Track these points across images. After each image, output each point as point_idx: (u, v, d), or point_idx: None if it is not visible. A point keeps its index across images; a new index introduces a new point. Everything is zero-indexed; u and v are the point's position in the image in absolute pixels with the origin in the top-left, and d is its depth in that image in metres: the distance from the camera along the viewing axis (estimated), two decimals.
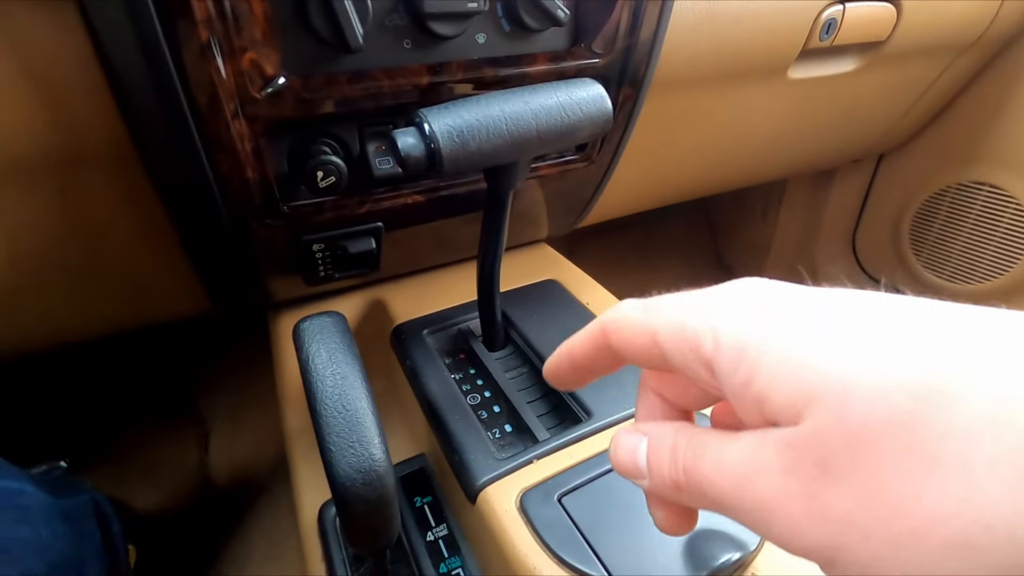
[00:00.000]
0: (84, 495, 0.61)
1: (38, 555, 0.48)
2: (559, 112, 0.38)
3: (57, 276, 0.50)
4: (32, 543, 0.48)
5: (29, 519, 0.49)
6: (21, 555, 0.46)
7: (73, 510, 0.56)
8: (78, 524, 0.55)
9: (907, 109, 0.96)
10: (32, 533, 0.48)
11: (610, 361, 0.28)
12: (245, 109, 0.39)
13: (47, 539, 0.50)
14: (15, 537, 0.46)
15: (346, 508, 0.33)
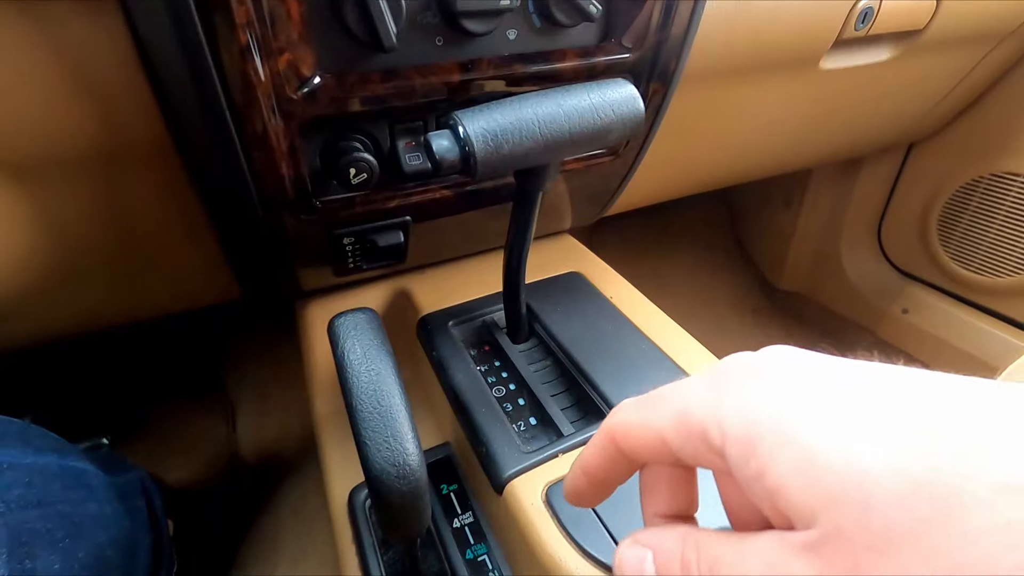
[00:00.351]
0: (132, 472, 0.64)
1: (104, 531, 0.51)
2: (592, 114, 0.38)
3: (100, 266, 0.52)
4: (99, 520, 0.51)
5: (95, 497, 0.52)
6: (91, 531, 0.49)
7: (125, 487, 0.59)
8: (129, 500, 0.58)
9: (941, 98, 0.94)
10: (99, 510, 0.51)
11: (626, 467, 0.26)
12: (281, 108, 0.40)
13: (110, 516, 0.52)
14: (86, 514, 0.49)
15: (381, 500, 0.35)
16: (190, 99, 0.38)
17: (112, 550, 0.51)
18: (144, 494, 0.64)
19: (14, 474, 0.44)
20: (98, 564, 0.49)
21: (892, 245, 1.27)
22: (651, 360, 0.53)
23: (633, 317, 0.58)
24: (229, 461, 0.94)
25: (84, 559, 0.47)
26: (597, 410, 0.49)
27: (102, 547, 0.50)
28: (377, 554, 0.48)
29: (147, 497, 0.64)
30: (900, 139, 1.10)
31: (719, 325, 1.38)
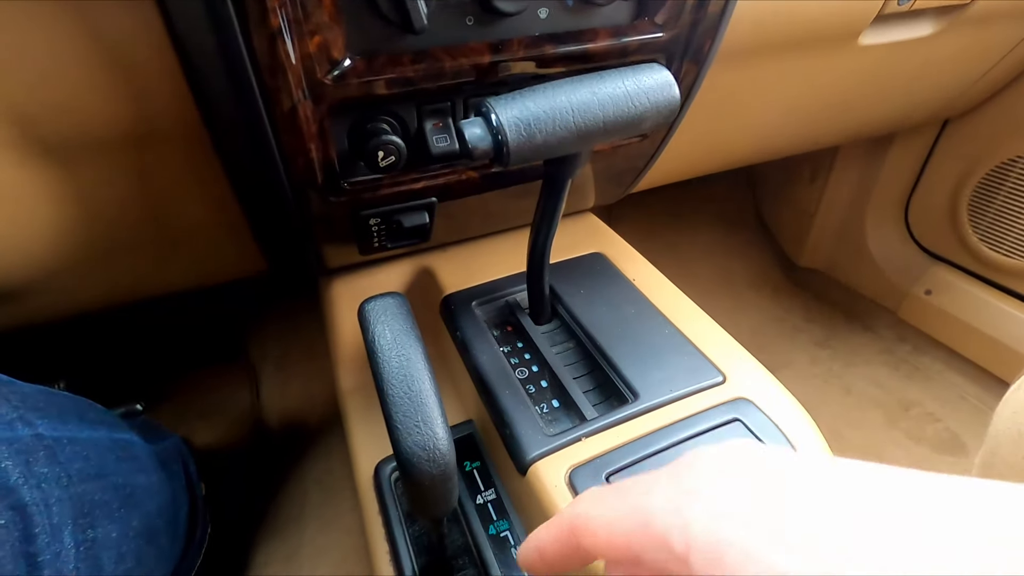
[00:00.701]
0: (169, 439, 0.67)
1: (152, 500, 0.53)
2: (626, 101, 0.37)
3: (131, 242, 0.53)
4: (148, 490, 0.53)
5: (143, 468, 0.54)
6: (142, 501, 0.51)
7: (163, 454, 0.62)
8: (169, 467, 0.61)
9: (982, 74, 0.90)
10: (147, 481, 0.54)
11: (583, 560, 0.25)
12: (312, 90, 0.40)
13: (156, 485, 0.55)
14: (137, 485, 0.52)
15: (411, 481, 0.36)
16: (221, 82, 0.38)
17: (159, 518, 0.54)
18: (180, 459, 0.66)
19: (74, 448, 0.46)
20: (149, 532, 0.51)
21: (919, 224, 1.25)
22: (674, 345, 0.53)
23: (656, 300, 0.58)
24: (253, 427, 0.97)
25: (137, 527, 0.49)
26: (619, 394, 0.50)
27: (151, 516, 0.52)
28: (403, 526, 0.50)
29: (183, 462, 0.67)
30: (936, 116, 1.07)
31: (737, 302, 1.37)
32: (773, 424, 0.46)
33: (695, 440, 0.44)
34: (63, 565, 0.40)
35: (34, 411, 0.45)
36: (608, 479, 0.42)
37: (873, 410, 1.09)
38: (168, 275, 0.61)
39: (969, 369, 1.14)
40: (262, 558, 0.77)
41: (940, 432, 1.04)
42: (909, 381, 1.16)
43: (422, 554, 0.48)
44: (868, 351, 1.24)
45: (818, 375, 1.17)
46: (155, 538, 0.53)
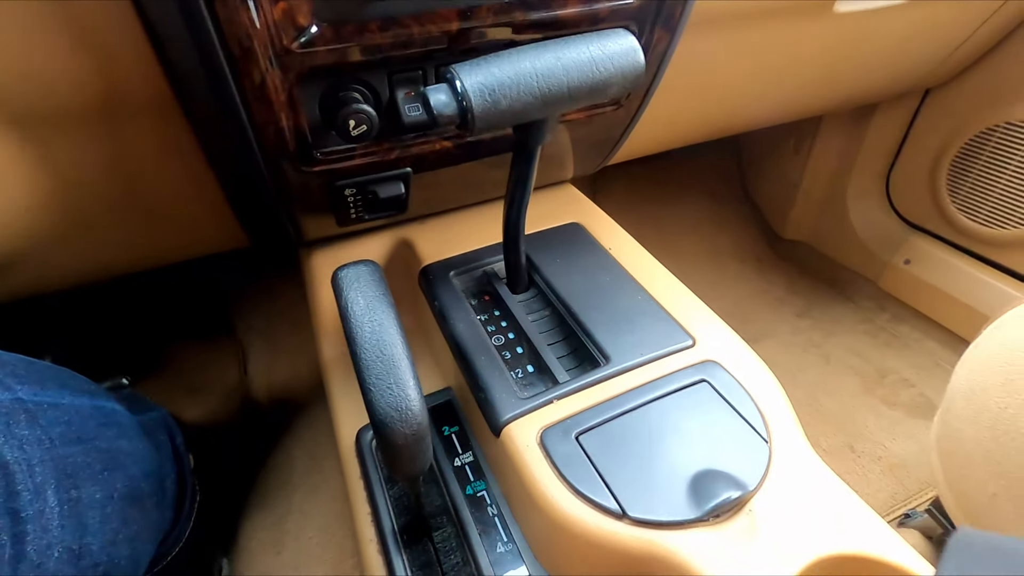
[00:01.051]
0: (155, 411, 0.68)
1: (136, 465, 0.54)
2: (591, 67, 0.38)
3: (110, 214, 0.53)
4: (131, 455, 0.54)
5: (126, 434, 0.55)
6: (126, 465, 0.52)
7: (149, 424, 0.62)
8: (154, 437, 0.62)
9: (960, 42, 0.90)
10: (130, 446, 0.55)
11: None
12: (279, 59, 0.40)
13: (140, 451, 0.56)
14: (120, 449, 0.53)
15: (385, 441, 0.37)
16: (187, 51, 0.38)
17: (145, 482, 0.55)
18: (167, 430, 0.67)
19: (55, 413, 0.47)
20: (133, 495, 0.52)
21: (900, 195, 1.26)
22: (646, 311, 0.54)
23: (631, 269, 0.59)
24: (241, 401, 0.98)
25: (121, 490, 0.50)
26: (592, 358, 0.51)
27: (136, 479, 0.53)
28: (384, 489, 0.51)
29: (169, 434, 0.68)
30: (916, 85, 1.07)
31: (722, 274, 1.39)
32: (739, 384, 0.47)
33: (662, 400, 0.46)
34: (48, 522, 0.41)
35: (13, 377, 0.45)
36: (578, 439, 0.43)
37: (851, 377, 1.12)
38: (149, 249, 0.62)
39: (945, 336, 1.17)
40: (250, 525, 0.79)
41: (915, 397, 1.07)
42: (887, 349, 1.18)
43: (402, 514, 0.50)
44: (848, 321, 1.26)
45: (798, 344, 1.20)
46: (140, 501, 0.54)
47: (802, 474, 0.42)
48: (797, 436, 0.44)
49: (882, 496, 0.91)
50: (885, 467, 0.95)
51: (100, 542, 0.46)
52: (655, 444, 0.43)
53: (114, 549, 0.48)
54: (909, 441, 0.98)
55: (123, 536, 0.50)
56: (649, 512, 0.39)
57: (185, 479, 0.68)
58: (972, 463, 0.44)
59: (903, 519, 0.84)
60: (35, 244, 0.52)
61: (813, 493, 0.40)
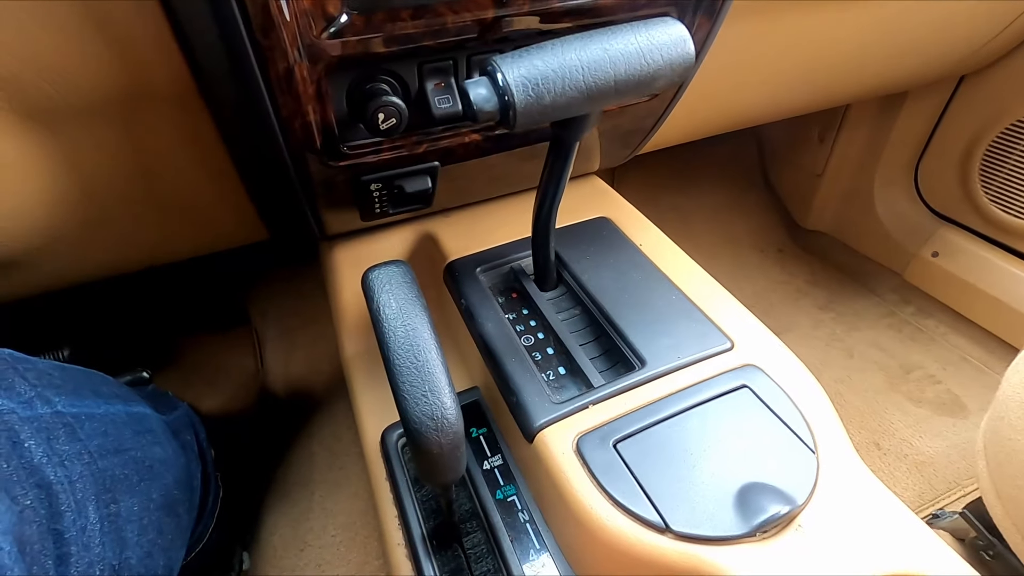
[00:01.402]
0: (179, 408, 0.67)
1: (170, 472, 0.54)
2: (639, 59, 0.35)
3: (128, 209, 0.52)
4: (165, 462, 0.53)
5: (159, 441, 0.54)
6: (161, 473, 0.52)
7: (175, 424, 0.62)
8: (181, 437, 0.61)
9: (1003, 27, 0.86)
10: (164, 452, 0.54)
11: None
12: (307, 49, 0.38)
13: (171, 457, 0.55)
14: (155, 457, 0.52)
15: (419, 450, 0.36)
16: (212, 42, 0.36)
17: (177, 489, 0.55)
18: (191, 428, 0.67)
19: (92, 424, 0.46)
20: (168, 503, 0.52)
21: (929, 185, 1.22)
22: (681, 311, 0.52)
23: (662, 266, 0.58)
24: (258, 392, 0.97)
25: (157, 500, 0.50)
26: (626, 361, 0.50)
27: (169, 487, 0.53)
28: (411, 491, 0.50)
29: (194, 430, 0.67)
30: (953, 70, 1.03)
31: (742, 265, 1.36)
32: (781, 390, 0.46)
33: (703, 407, 0.44)
34: (89, 539, 0.41)
35: (51, 388, 0.44)
36: (615, 447, 0.42)
37: (875, 373, 1.09)
38: (168, 243, 0.60)
39: (973, 331, 1.14)
40: (271, 521, 0.79)
41: (941, 394, 1.05)
42: (912, 343, 1.16)
43: (430, 518, 0.49)
44: (872, 314, 1.23)
45: (821, 338, 1.17)
46: (174, 509, 0.54)
47: (852, 487, 0.40)
48: (845, 446, 0.42)
49: (908, 495, 0.89)
50: (911, 465, 0.93)
51: (138, 555, 0.46)
52: (696, 453, 0.41)
53: (151, 560, 0.48)
54: (936, 439, 0.96)
55: (159, 546, 0.49)
56: (693, 526, 0.37)
57: (208, 475, 0.68)
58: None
59: (931, 519, 0.82)
60: (54, 240, 0.51)
61: (864, 508, 0.39)
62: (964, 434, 0.97)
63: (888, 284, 1.28)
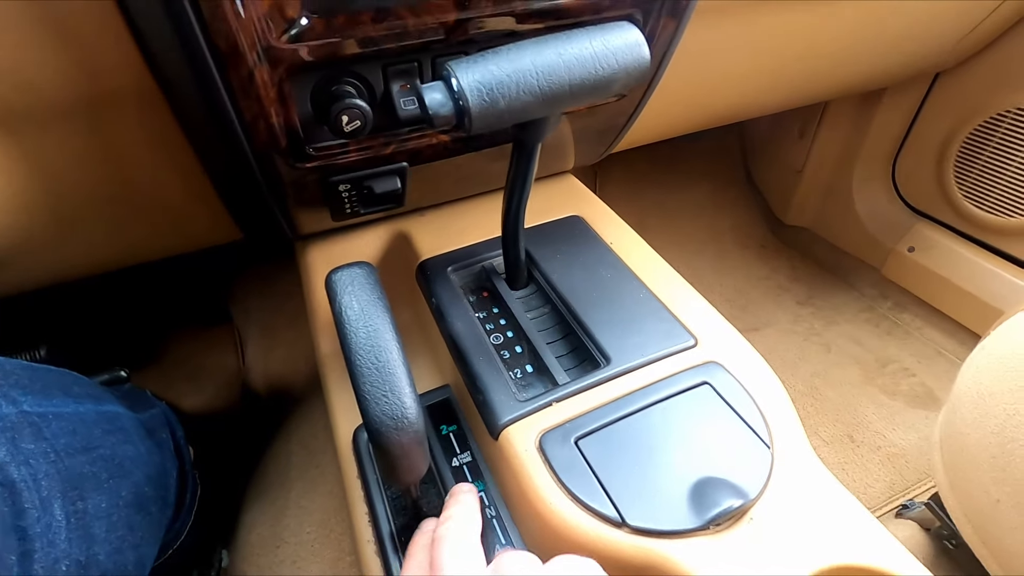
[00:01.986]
0: (156, 408, 0.67)
1: (141, 470, 0.54)
2: (593, 64, 0.36)
3: (100, 210, 0.52)
4: (136, 459, 0.54)
5: (130, 439, 0.54)
6: (131, 471, 0.52)
7: (150, 422, 0.62)
8: (156, 435, 0.62)
9: (973, 26, 0.87)
10: (135, 451, 0.54)
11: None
12: (267, 53, 0.38)
13: (144, 454, 0.56)
14: (125, 455, 0.52)
15: (381, 450, 0.36)
16: (170, 46, 0.36)
17: (149, 486, 0.55)
18: (168, 427, 0.67)
19: (60, 423, 0.46)
20: (139, 501, 0.52)
21: (906, 181, 1.24)
22: (647, 309, 0.53)
23: (632, 264, 0.58)
24: (240, 390, 0.98)
25: (127, 497, 0.50)
26: (592, 359, 0.50)
27: (140, 485, 0.53)
28: (381, 489, 0.51)
29: (171, 429, 0.68)
30: (926, 69, 1.04)
31: (724, 260, 1.38)
32: (741, 387, 0.47)
33: (664, 404, 0.45)
34: (55, 536, 0.41)
35: (17, 388, 0.44)
36: (577, 444, 0.43)
37: (851, 367, 1.11)
38: (142, 243, 0.60)
39: (948, 325, 1.16)
40: (249, 519, 0.79)
41: (915, 387, 1.07)
42: (889, 338, 1.18)
43: (400, 515, 0.49)
44: (850, 309, 1.25)
45: (799, 333, 1.19)
46: (145, 506, 0.54)
47: (805, 482, 0.41)
48: (800, 441, 0.44)
49: (880, 486, 0.91)
50: (884, 457, 0.95)
51: (107, 551, 0.46)
52: (655, 449, 0.42)
53: (120, 556, 0.48)
54: (909, 431, 0.98)
55: (129, 543, 0.50)
56: (648, 520, 0.38)
57: (186, 473, 0.68)
58: (977, 467, 0.44)
59: (901, 510, 0.84)
60: (23, 240, 0.51)
61: (816, 501, 0.40)
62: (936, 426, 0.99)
63: (867, 279, 1.30)
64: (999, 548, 0.44)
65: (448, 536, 0.36)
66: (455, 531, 0.36)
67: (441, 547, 0.35)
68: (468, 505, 0.39)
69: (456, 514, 0.38)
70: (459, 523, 0.37)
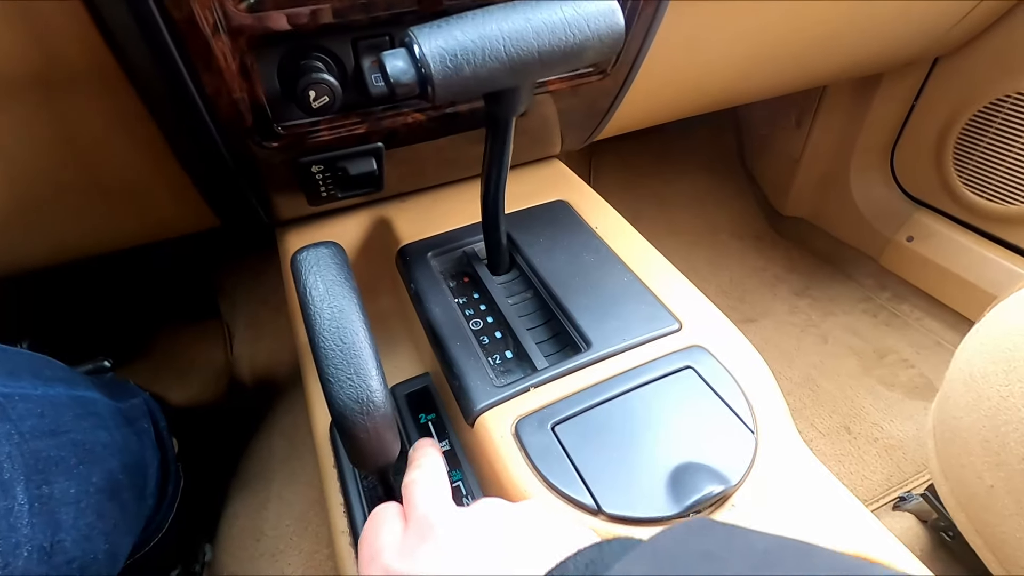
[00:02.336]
0: (137, 397, 0.66)
1: (114, 456, 0.53)
2: (564, 30, 0.34)
3: (64, 194, 0.51)
4: (110, 446, 0.53)
5: (104, 425, 0.53)
6: (103, 457, 0.51)
7: (130, 411, 0.61)
8: (136, 424, 0.60)
9: (970, 8, 0.85)
10: (109, 437, 0.53)
11: None
12: (226, 23, 0.37)
13: (120, 441, 0.54)
14: (97, 441, 0.51)
15: (346, 435, 0.35)
16: (122, 16, 0.35)
17: (123, 474, 0.54)
18: (150, 416, 0.66)
19: (27, 405, 0.45)
20: (111, 488, 0.51)
21: (904, 169, 1.22)
22: (631, 293, 0.52)
23: (617, 248, 0.57)
24: (228, 383, 0.96)
25: (98, 483, 0.49)
26: (573, 345, 0.49)
27: (114, 472, 0.52)
28: (357, 481, 0.50)
29: (153, 420, 0.66)
30: (923, 53, 1.02)
31: (720, 251, 1.36)
32: (726, 371, 0.45)
33: (644, 388, 0.43)
34: (16, 520, 0.40)
35: None
36: (553, 429, 0.41)
37: (849, 358, 1.09)
38: (107, 231, 0.59)
39: (947, 315, 1.14)
40: (231, 511, 0.78)
41: (914, 377, 1.05)
42: (887, 328, 1.16)
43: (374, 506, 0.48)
44: (848, 299, 1.23)
45: (796, 324, 1.17)
46: (118, 494, 0.53)
47: (789, 467, 0.39)
48: (786, 426, 0.42)
49: (877, 478, 0.89)
50: (881, 449, 0.93)
51: (74, 537, 0.45)
52: (635, 435, 0.41)
53: (89, 544, 0.47)
54: (907, 422, 0.97)
55: (99, 530, 0.48)
56: (626, 508, 0.37)
57: (168, 465, 0.67)
58: (969, 452, 0.42)
59: (898, 502, 0.83)
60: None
61: (800, 487, 0.38)
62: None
63: (865, 269, 1.28)
64: (993, 536, 0.42)
65: (420, 479, 0.36)
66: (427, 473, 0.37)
67: (414, 489, 0.35)
68: (433, 456, 0.39)
69: (425, 463, 0.38)
70: (429, 468, 0.37)
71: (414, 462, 0.38)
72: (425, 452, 0.39)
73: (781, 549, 0.21)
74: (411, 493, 0.35)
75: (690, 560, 0.21)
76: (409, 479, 0.37)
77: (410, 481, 0.36)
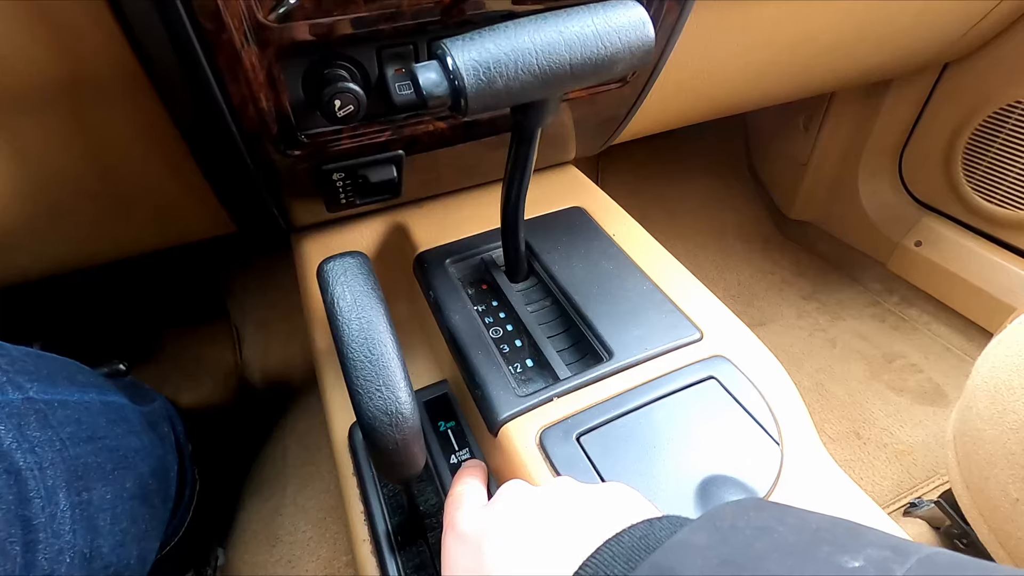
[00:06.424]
0: (156, 401, 0.66)
1: (145, 462, 0.53)
2: (595, 42, 0.34)
3: (83, 201, 0.51)
4: (140, 451, 0.53)
5: (135, 430, 0.53)
6: (135, 463, 0.51)
7: (152, 416, 0.61)
8: (158, 428, 0.60)
9: (982, 15, 0.85)
10: (139, 443, 0.53)
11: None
12: (255, 34, 0.37)
13: (148, 447, 0.54)
14: (129, 447, 0.51)
15: (374, 446, 0.35)
16: (153, 27, 0.34)
17: (152, 480, 0.54)
18: (169, 421, 0.66)
19: (65, 412, 0.45)
20: (142, 493, 0.51)
21: (913, 174, 1.22)
22: (651, 302, 0.52)
23: (635, 256, 0.57)
24: (238, 386, 0.96)
25: (131, 489, 0.49)
26: (594, 353, 0.49)
27: (144, 477, 0.52)
28: (377, 487, 0.50)
29: (172, 424, 0.66)
30: (934, 59, 1.02)
31: (727, 255, 1.36)
32: (749, 381, 0.45)
33: (668, 399, 0.43)
34: (59, 527, 0.40)
35: (23, 374, 0.43)
36: (579, 440, 0.41)
37: (857, 362, 1.09)
38: (127, 236, 0.59)
39: (955, 320, 1.14)
40: (245, 516, 0.78)
41: (922, 383, 1.05)
42: (895, 333, 1.16)
43: (396, 514, 0.48)
44: (856, 304, 1.23)
45: (804, 328, 1.17)
46: (148, 499, 0.53)
47: (817, 479, 0.39)
48: (811, 438, 0.42)
49: (887, 484, 0.89)
50: (891, 454, 0.93)
51: (110, 543, 0.45)
52: (660, 446, 0.41)
53: (123, 550, 0.47)
54: (916, 428, 0.97)
55: (132, 535, 0.49)
56: None
57: (186, 468, 0.67)
58: (993, 465, 0.42)
59: (909, 507, 0.83)
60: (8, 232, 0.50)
61: (827, 501, 0.38)
62: (944, 423, 0.97)
63: (872, 274, 1.28)
64: (1017, 549, 0.42)
65: (459, 497, 0.37)
66: (467, 492, 0.37)
67: (452, 505, 0.36)
68: (476, 473, 0.40)
69: (466, 478, 0.39)
70: (469, 484, 0.38)
71: (459, 477, 0.40)
72: (471, 471, 0.41)
73: (833, 526, 0.22)
74: (450, 511, 0.36)
75: (748, 532, 0.21)
76: (453, 493, 0.38)
77: (453, 496, 0.38)
